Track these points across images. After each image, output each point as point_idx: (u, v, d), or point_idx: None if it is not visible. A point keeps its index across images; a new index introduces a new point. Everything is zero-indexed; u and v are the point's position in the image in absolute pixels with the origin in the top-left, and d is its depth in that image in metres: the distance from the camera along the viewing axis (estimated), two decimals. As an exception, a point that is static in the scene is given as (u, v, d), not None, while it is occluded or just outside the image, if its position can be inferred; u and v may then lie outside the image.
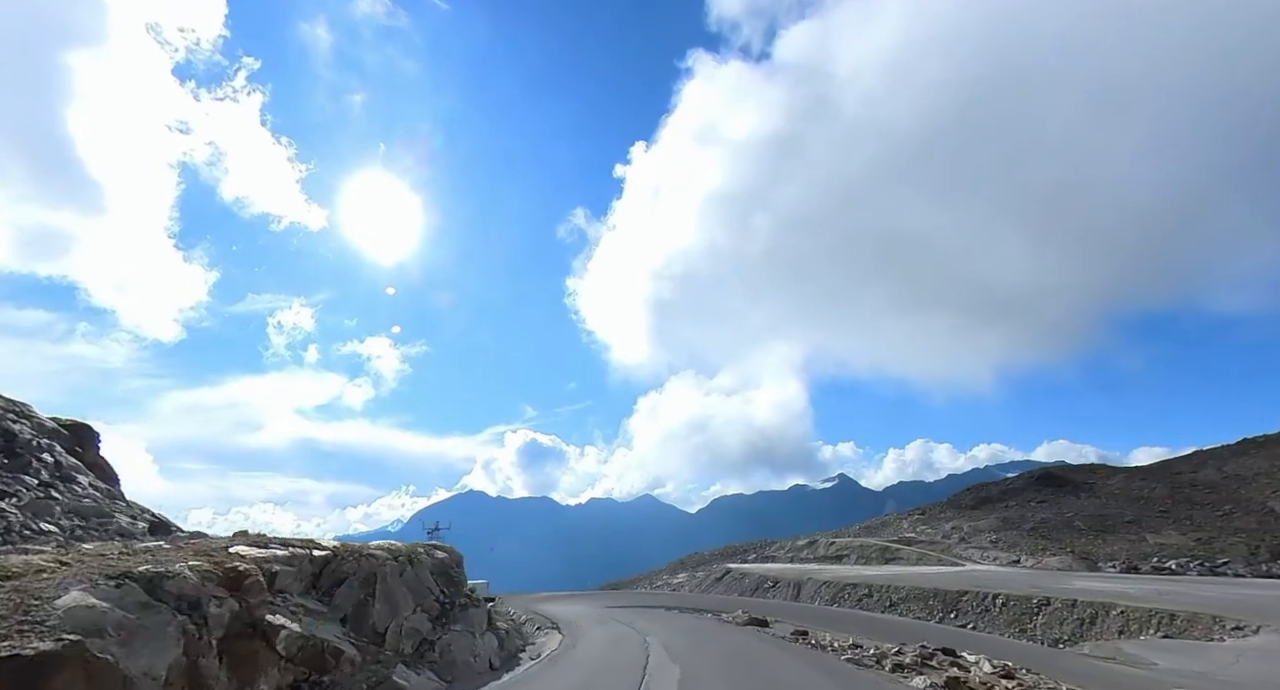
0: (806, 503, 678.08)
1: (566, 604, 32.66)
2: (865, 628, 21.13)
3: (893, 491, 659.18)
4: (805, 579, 35.28)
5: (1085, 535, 40.46)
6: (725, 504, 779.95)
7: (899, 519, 59.55)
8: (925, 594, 27.06)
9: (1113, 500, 46.17)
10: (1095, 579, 29.94)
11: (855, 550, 47.07)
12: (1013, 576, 31.62)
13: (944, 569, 37.05)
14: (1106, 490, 48.81)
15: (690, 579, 61.74)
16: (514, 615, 24.47)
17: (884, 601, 28.18)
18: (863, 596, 29.34)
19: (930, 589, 27.25)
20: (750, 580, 40.12)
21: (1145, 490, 46.38)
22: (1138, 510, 42.96)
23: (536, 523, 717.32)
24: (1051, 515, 45.28)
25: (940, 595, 26.43)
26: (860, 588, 30.16)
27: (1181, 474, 47.67)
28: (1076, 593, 23.74)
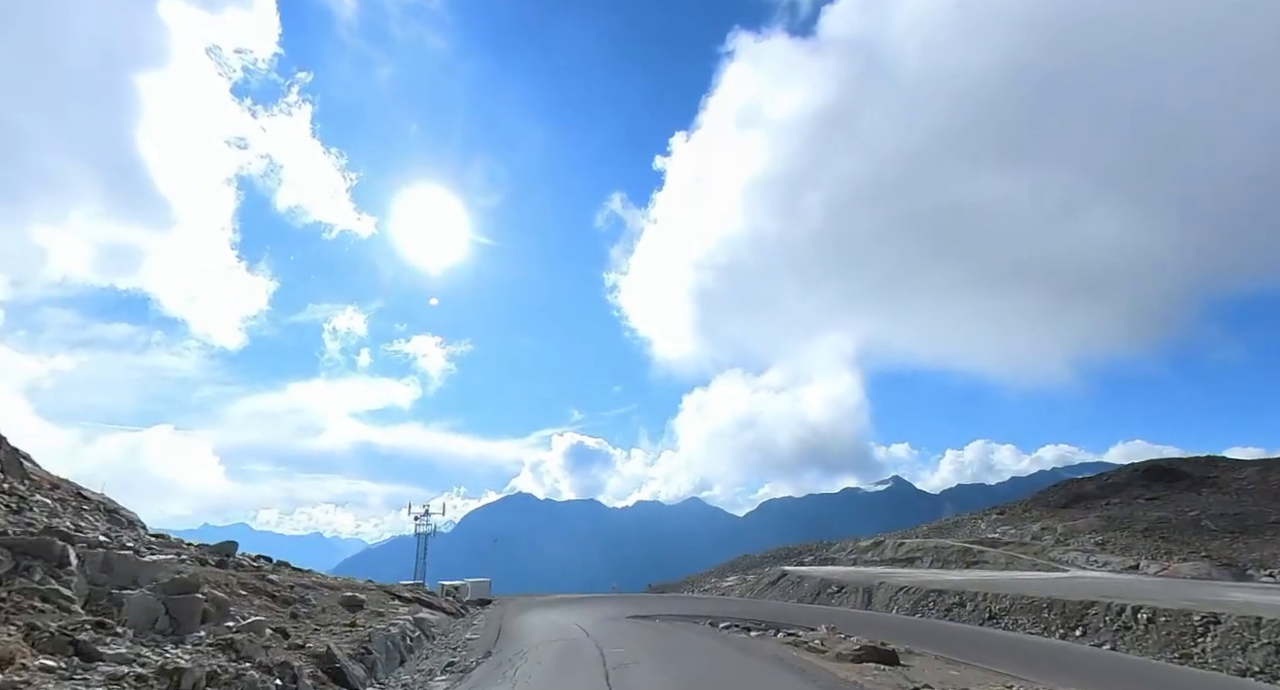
0: (859, 505, 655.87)
1: (576, 611, 25.54)
2: (991, 651, 16.44)
3: (951, 494, 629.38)
4: (875, 584, 30.19)
5: (1219, 537, 33.66)
6: (774, 507, 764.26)
7: (974, 519, 53.12)
8: (1035, 604, 21.75)
9: (1247, 497, 38.85)
10: (1256, 590, 23.82)
11: (928, 552, 41.35)
12: (1141, 585, 25.74)
13: (1044, 575, 31.23)
14: (1236, 485, 41.33)
15: (741, 582, 56.88)
16: (450, 639, 19.34)
17: (980, 612, 22.98)
18: (952, 606, 24.17)
19: (1042, 599, 21.91)
20: (810, 584, 35.19)
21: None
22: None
23: (583, 525, 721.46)
24: (1170, 514, 38.36)
25: (1056, 606, 21.07)
26: (947, 595, 24.98)
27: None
28: (1251, 608, 18.09)
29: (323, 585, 18.19)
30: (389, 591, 23.31)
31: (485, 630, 21.38)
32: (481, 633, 20.96)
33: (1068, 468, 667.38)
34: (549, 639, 17.40)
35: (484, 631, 21.10)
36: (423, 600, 24.02)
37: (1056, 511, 46.18)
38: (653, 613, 24.93)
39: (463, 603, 29.75)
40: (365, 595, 19.16)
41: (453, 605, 27.36)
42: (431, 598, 26.50)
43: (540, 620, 22.63)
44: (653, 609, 26.60)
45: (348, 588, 19.92)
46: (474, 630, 21.65)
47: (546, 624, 21.24)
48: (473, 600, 31.98)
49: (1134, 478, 47.15)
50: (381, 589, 23.25)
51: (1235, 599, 20.66)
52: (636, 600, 35.56)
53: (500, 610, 28.30)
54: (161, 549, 13.38)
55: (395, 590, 24.10)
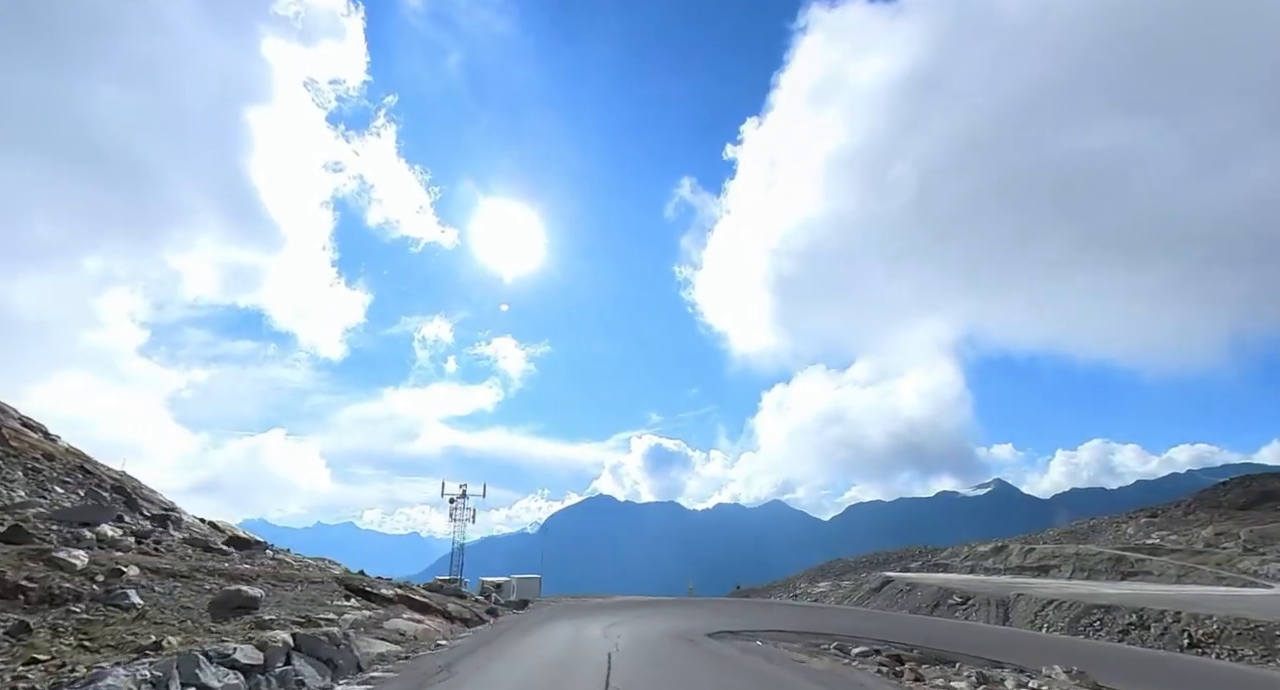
0: (957, 510, 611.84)
1: (633, 621, 17.15)
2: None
3: (1064, 499, 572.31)
4: (1011, 595, 25.01)
5: None
6: (862, 511, 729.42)
7: (1115, 523, 45.24)
8: (1262, 630, 16.33)
9: None
10: None
11: (1067, 560, 34.88)
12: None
13: (1241, 591, 24.79)
14: None
15: (834, 588, 51.81)
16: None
17: (1173, 637, 17.70)
18: (1129, 627, 18.94)
19: (1271, 623, 16.44)
20: (924, 594, 30.22)
21: None
22: None
23: (663, 527, 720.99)
24: (1406, 516, 29.99)
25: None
26: (1118, 612, 19.72)
27: None
28: None
29: (273, 574, 13.76)
30: (364, 589, 15.93)
31: (465, 657, 12.22)
32: (446, 659, 11.92)
33: (1206, 470, 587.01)
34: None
35: (461, 657, 12.17)
36: (418, 602, 16.74)
37: (1232, 513, 38.00)
38: (745, 626, 16.82)
39: (497, 604, 24.20)
40: (297, 591, 13.52)
41: (476, 608, 19.78)
42: (448, 599, 19.36)
43: (563, 638, 14.96)
44: (744, 620, 17.89)
45: (303, 577, 15.00)
46: (451, 652, 12.84)
47: (565, 646, 13.79)
48: (515, 601, 26.96)
49: (1340, 473, 38.07)
50: (365, 583, 17.18)
51: None
52: (718, 607, 26.28)
53: (534, 616, 20.66)
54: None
55: (375, 586, 16.65)
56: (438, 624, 15.51)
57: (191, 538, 14.68)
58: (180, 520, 14.99)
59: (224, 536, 15.82)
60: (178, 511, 15.77)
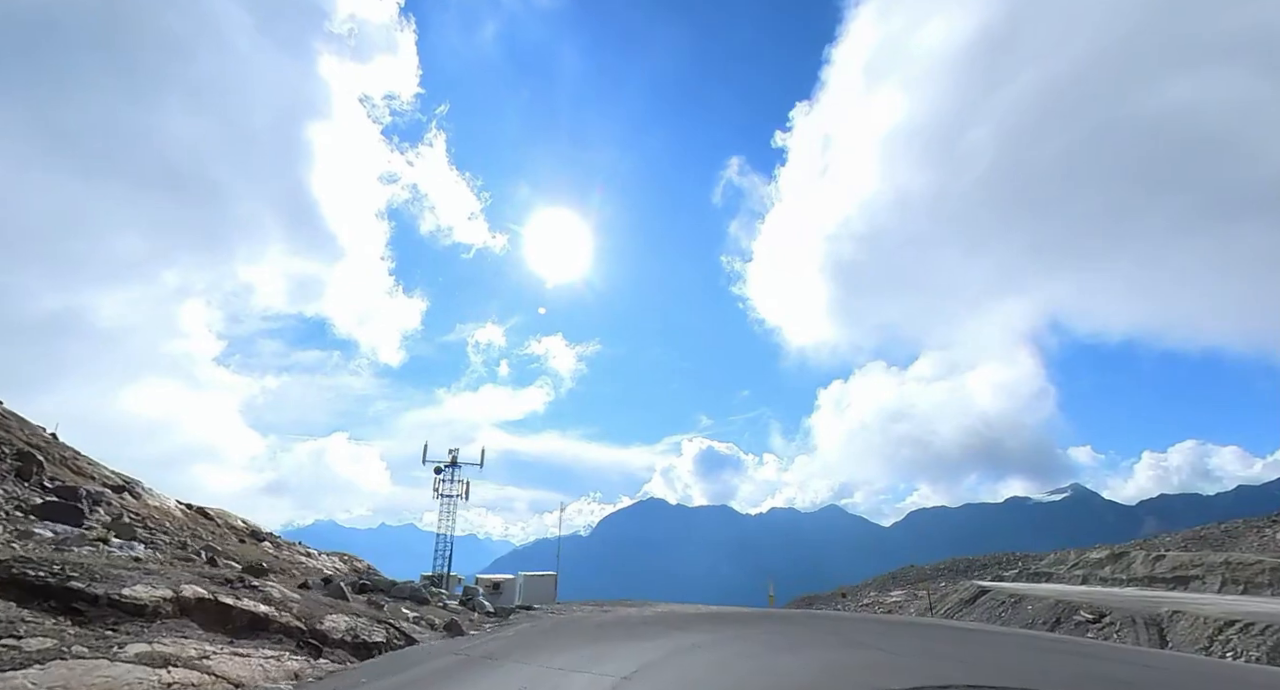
0: (1029, 517, 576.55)
1: (680, 662, 8.48)
2: None
3: (1151, 506, 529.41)
4: (1164, 613, 19.81)
5: None
6: (925, 517, 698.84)
7: (1258, 527, 38.02)
8: None
9: None
10: None
11: (1214, 570, 28.72)
12: None
13: None
14: None
15: (911, 598, 46.28)
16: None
17: None
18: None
19: None
20: (1036, 609, 25.07)
21: None
22: None
23: (716, 531, 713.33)
24: None
25: None
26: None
27: None
28: None
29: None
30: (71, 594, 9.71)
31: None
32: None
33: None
34: None
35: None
36: (237, 613, 8.59)
37: None
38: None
39: (478, 612, 16.53)
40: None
41: (426, 620, 11.96)
42: (367, 608, 11.50)
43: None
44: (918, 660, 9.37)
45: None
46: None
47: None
48: (513, 607, 19.99)
49: None
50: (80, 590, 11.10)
51: None
52: (819, 628, 12.48)
53: (504, 641, 10.45)
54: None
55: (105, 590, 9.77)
56: (240, 669, 6.98)
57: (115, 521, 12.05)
58: (106, 501, 12.39)
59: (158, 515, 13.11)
60: (128, 490, 13.28)
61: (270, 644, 8.24)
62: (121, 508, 12.33)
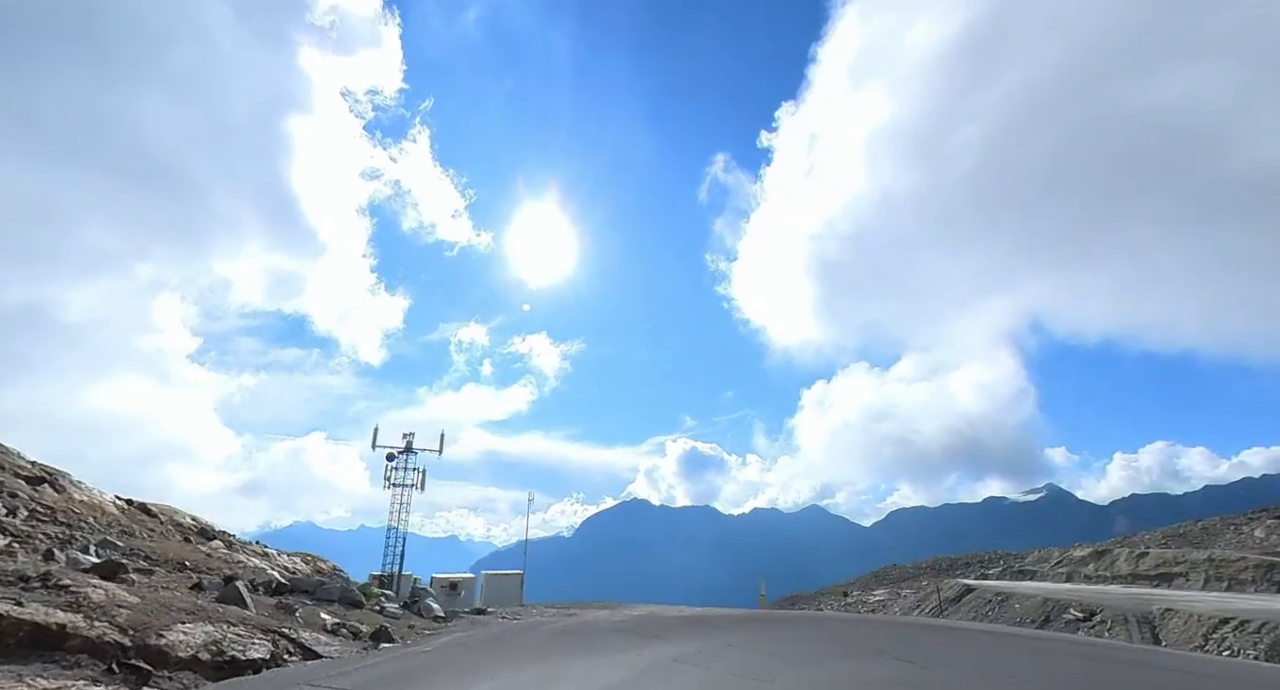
0: (1006, 517, 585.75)
1: None
2: None
3: (1123, 506, 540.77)
4: (1155, 611, 19.46)
5: None
6: (906, 517, 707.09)
7: (1235, 524, 38.31)
8: None
9: None
10: None
11: (1197, 567, 28.66)
12: None
13: None
14: None
15: (894, 597, 46.01)
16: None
17: None
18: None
19: None
20: (1024, 607, 24.66)
21: None
22: None
23: (699, 531, 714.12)
24: None
25: None
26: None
27: None
28: None
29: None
30: None
31: None
32: None
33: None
34: None
35: None
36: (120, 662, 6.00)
37: (1400, 513, 31.01)
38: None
39: (429, 615, 14.04)
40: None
41: (327, 629, 9.23)
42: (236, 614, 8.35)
43: None
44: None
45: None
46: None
47: None
48: (470, 609, 17.31)
49: None
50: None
51: None
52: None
53: (424, 656, 8.32)
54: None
55: None
56: None
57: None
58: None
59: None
60: (49, 483, 12.03)
61: (58, 670, 5.48)
62: (34, 501, 11.02)
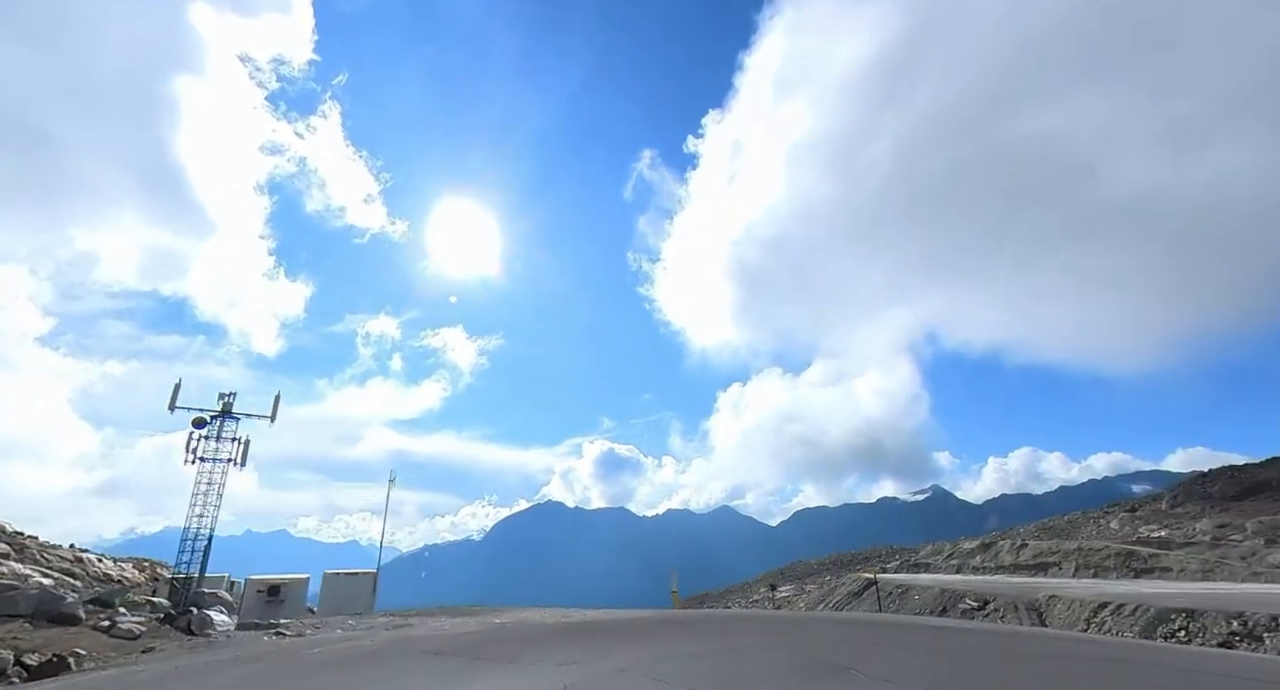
0: (897, 516, 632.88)
1: None
2: None
3: (994, 505, 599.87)
4: (1042, 598, 20.50)
5: None
6: (809, 517, 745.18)
7: (1095, 518, 42.40)
8: None
9: None
10: None
11: (1068, 556, 31.11)
12: None
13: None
14: None
15: (800, 592, 47.06)
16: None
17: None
18: (1233, 636, 14.42)
19: None
20: (923, 598, 25.48)
21: None
22: None
23: (613, 533, 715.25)
24: None
25: None
26: (1208, 618, 15.22)
27: None
28: None
29: None
30: None
31: None
32: None
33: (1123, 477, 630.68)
34: None
35: None
36: None
37: (1227, 506, 35.37)
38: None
39: (204, 630, 11.75)
40: None
41: None
42: None
43: None
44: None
45: None
46: None
47: None
48: (270, 621, 14.18)
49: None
50: None
51: None
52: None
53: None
54: None
55: None
56: None
57: None
58: None
59: None
60: None
61: None
62: None
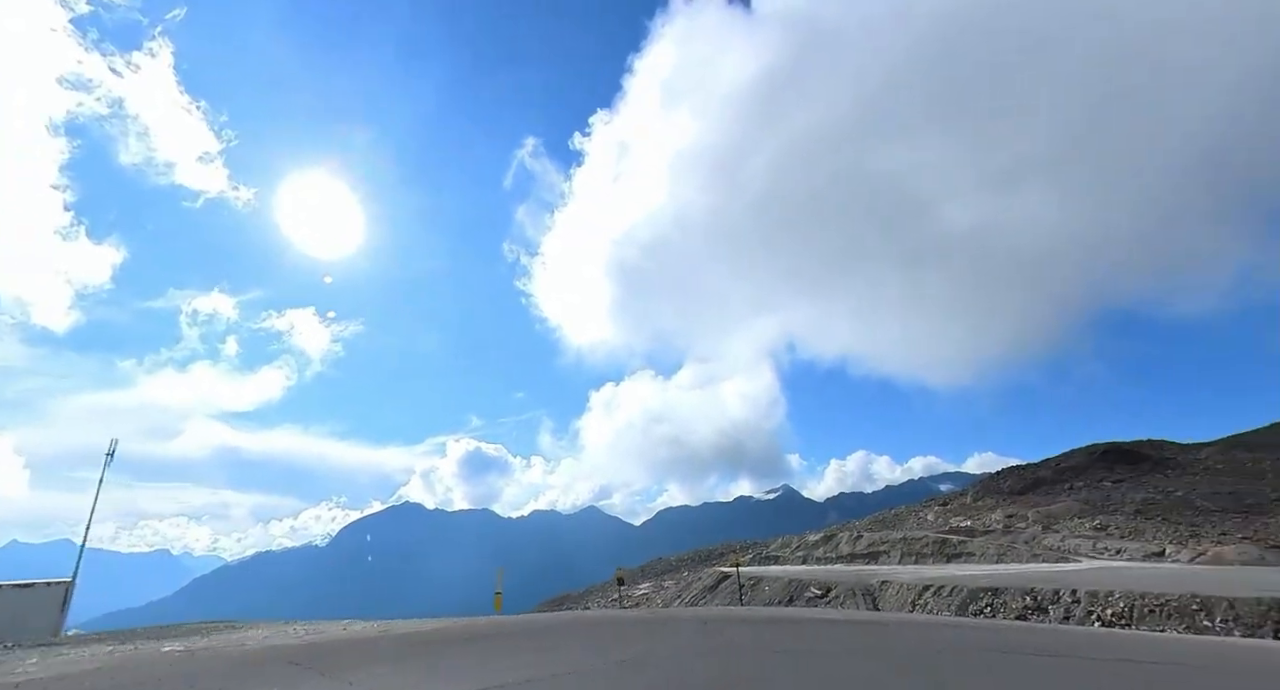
0: (752, 513, 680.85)
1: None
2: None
3: (834, 503, 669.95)
4: (876, 583, 22.01)
5: (1227, 517, 29.17)
6: (671, 516, 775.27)
7: (917, 511, 47.71)
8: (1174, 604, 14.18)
9: (1218, 476, 35.59)
10: None
11: (895, 545, 34.37)
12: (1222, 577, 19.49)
13: (1068, 566, 24.69)
14: (1202, 465, 38.35)
15: (657, 589, 47.50)
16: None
17: (1080, 616, 15.12)
18: (1026, 610, 16.18)
19: (1176, 596, 14.41)
20: (773, 588, 26.45)
21: (1261, 463, 36.03)
22: (1273, 486, 32.28)
23: (476, 536, 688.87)
24: (1155, 495, 34.06)
25: (1217, 606, 13.60)
26: (1008, 595, 17.04)
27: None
28: None
29: None
30: None
31: None
32: None
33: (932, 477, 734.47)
34: None
35: None
36: None
37: (1014, 498, 41.37)
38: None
39: None
40: None
41: None
42: None
43: None
44: None
45: None
46: None
47: None
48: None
49: (1091, 461, 43.75)
50: None
51: None
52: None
53: None
54: None
55: None
56: None
57: None
58: None
59: None
60: None
61: None
62: None
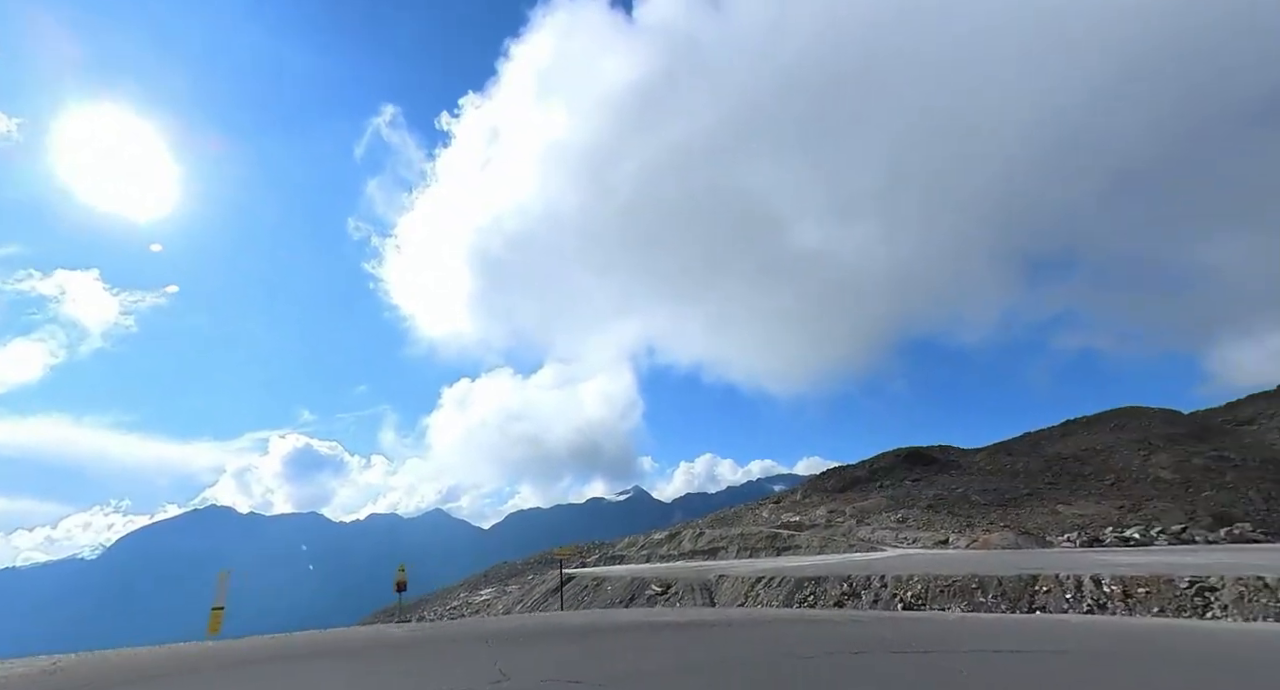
0: (603, 515, 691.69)
1: None
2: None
3: (681, 503, 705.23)
4: (713, 578, 22.59)
5: (994, 509, 34.67)
6: (521, 518, 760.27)
7: (753, 509, 51.04)
8: (959, 585, 16.02)
9: (992, 476, 42.46)
10: (1108, 551, 22.31)
11: (733, 541, 36.14)
12: (989, 560, 22.77)
13: (874, 555, 27.45)
14: (975, 467, 45.48)
15: (500, 594, 45.47)
16: None
17: (889, 601, 16.53)
18: (844, 596, 17.38)
19: (962, 577, 16.31)
20: (615, 588, 26.16)
21: (1016, 464, 43.57)
22: (1024, 483, 39.10)
23: (300, 543, 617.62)
24: (942, 492, 39.61)
25: (991, 585, 15.57)
26: (828, 582, 18.25)
27: (1041, 447, 46.28)
28: (1187, 568, 14.69)
29: None
30: None
31: None
32: None
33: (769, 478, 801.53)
34: None
35: None
36: None
37: (835, 496, 45.80)
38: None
39: None
40: None
41: None
42: None
43: None
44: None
45: None
46: None
47: None
48: None
49: (898, 462, 50.00)
50: None
51: (1122, 560, 17.76)
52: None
53: None
54: None
55: None
56: None
57: None
58: None
59: None
60: None
61: None
62: None
